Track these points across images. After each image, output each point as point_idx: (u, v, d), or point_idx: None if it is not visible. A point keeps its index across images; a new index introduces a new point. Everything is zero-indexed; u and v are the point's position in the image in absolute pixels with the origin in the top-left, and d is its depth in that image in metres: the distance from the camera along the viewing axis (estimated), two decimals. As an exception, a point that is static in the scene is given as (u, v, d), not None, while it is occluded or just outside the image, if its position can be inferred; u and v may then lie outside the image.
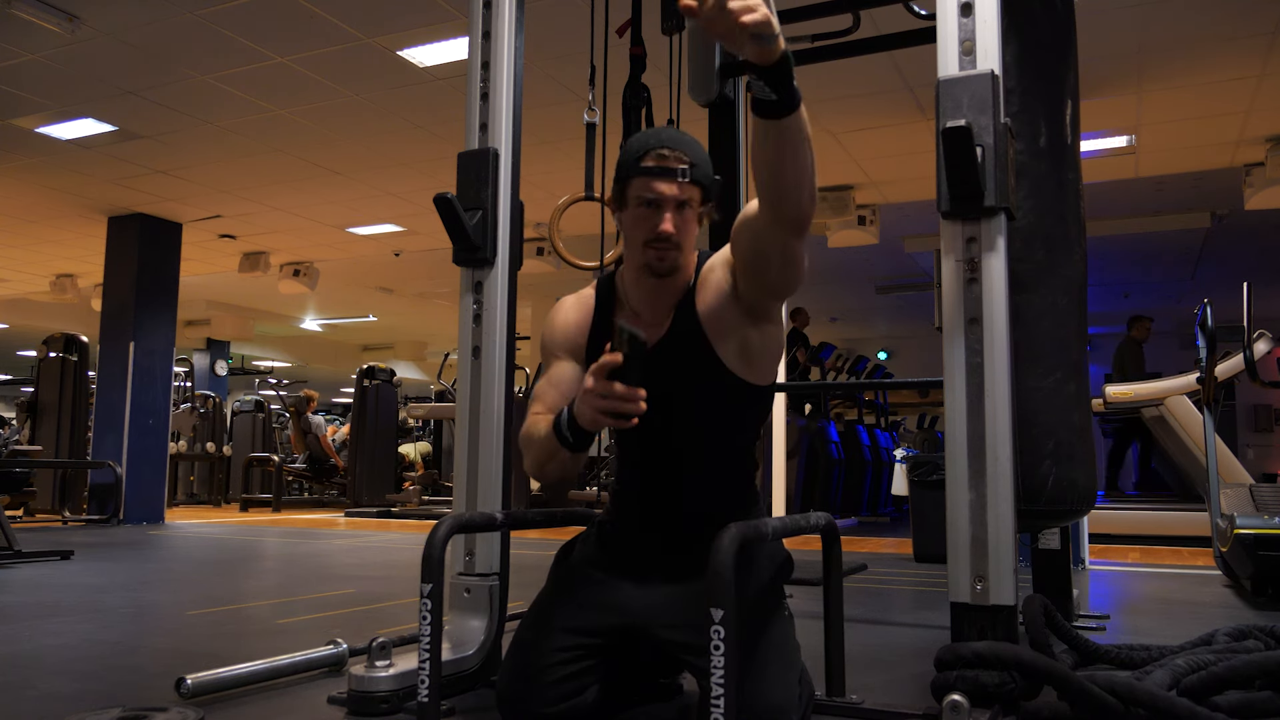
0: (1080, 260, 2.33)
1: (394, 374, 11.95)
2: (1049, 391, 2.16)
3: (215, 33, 5.02)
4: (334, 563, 5.23)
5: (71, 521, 8.18)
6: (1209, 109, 5.91)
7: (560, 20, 4.61)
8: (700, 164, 1.71)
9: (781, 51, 1.40)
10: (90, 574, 4.41)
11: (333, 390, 22.56)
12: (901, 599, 3.89)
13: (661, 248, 1.71)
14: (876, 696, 1.96)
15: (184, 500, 12.01)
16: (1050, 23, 2.29)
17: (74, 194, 8.06)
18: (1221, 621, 2.71)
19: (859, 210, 7.67)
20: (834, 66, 4.84)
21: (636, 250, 1.74)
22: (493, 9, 2.31)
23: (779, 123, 1.47)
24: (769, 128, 1.48)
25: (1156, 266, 10.75)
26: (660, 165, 1.67)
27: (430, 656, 1.63)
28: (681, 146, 1.70)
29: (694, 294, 1.78)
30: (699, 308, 1.76)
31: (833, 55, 3.18)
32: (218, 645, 2.69)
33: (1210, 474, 4.48)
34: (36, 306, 13.63)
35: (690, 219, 1.72)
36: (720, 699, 1.33)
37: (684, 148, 1.70)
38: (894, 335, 15.87)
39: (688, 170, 1.67)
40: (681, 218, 1.70)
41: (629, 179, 1.70)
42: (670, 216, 1.69)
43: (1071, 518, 2.36)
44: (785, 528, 1.69)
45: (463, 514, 2.12)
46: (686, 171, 1.67)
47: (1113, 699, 1.64)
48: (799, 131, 1.49)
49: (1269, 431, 11.16)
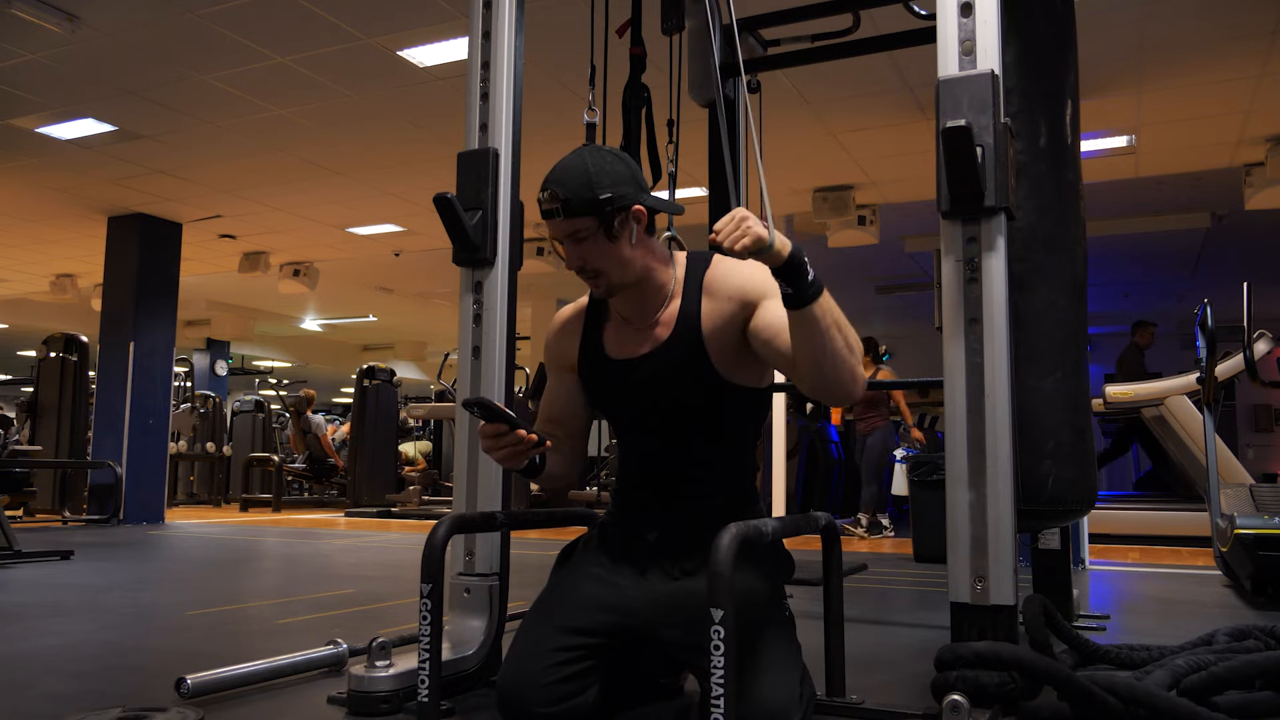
0: (1080, 260, 2.33)
1: (394, 374, 11.96)
2: (1049, 391, 2.16)
3: (215, 33, 5.02)
4: (334, 563, 5.23)
5: (71, 521, 8.18)
6: (1209, 109, 5.91)
7: (560, 20, 4.61)
8: (575, 195, 1.68)
9: (787, 256, 1.52)
10: (90, 574, 4.41)
11: (333, 390, 22.56)
12: (901, 599, 3.89)
13: (585, 278, 1.76)
14: (876, 696, 1.96)
15: (184, 500, 12.01)
16: (1050, 23, 2.29)
17: (74, 194, 8.06)
18: (1221, 621, 2.71)
19: (859, 210, 7.66)
20: (834, 66, 4.84)
21: None
22: (493, 9, 2.31)
23: (801, 312, 1.56)
24: (794, 316, 1.57)
25: (1156, 266, 10.75)
26: (543, 209, 1.71)
27: (430, 656, 1.63)
28: (558, 182, 1.69)
29: (699, 301, 1.77)
30: (704, 321, 1.76)
31: (833, 55, 3.19)
32: (218, 645, 2.69)
33: (1210, 474, 4.48)
34: (36, 306, 13.63)
35: (597, 245, 1.71)
36: (720, 699, 1.33)
37: (560, 183, 1.69)
38: (894, 335, 15.86)
39: (559, 210, 1.68)
40: (584, 248, 1.71)
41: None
42: (571, 252, 1.72)
43: (1071, 518, 2.36)
44: (785, 528, 1.69)
45: (463, 514, 2.12)
46: (559, 211, 1.68)
47: (1113, 699, 1.64)
48: (823, 318, 1.56)
49: (1269, 431, 11.14)
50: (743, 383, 1.77)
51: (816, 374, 1.60)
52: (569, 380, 1.93)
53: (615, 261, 1.73)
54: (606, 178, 1.69)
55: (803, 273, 1.53)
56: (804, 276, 1.53)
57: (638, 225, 1.74)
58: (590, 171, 1.69)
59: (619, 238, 1.71)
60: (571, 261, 1.75)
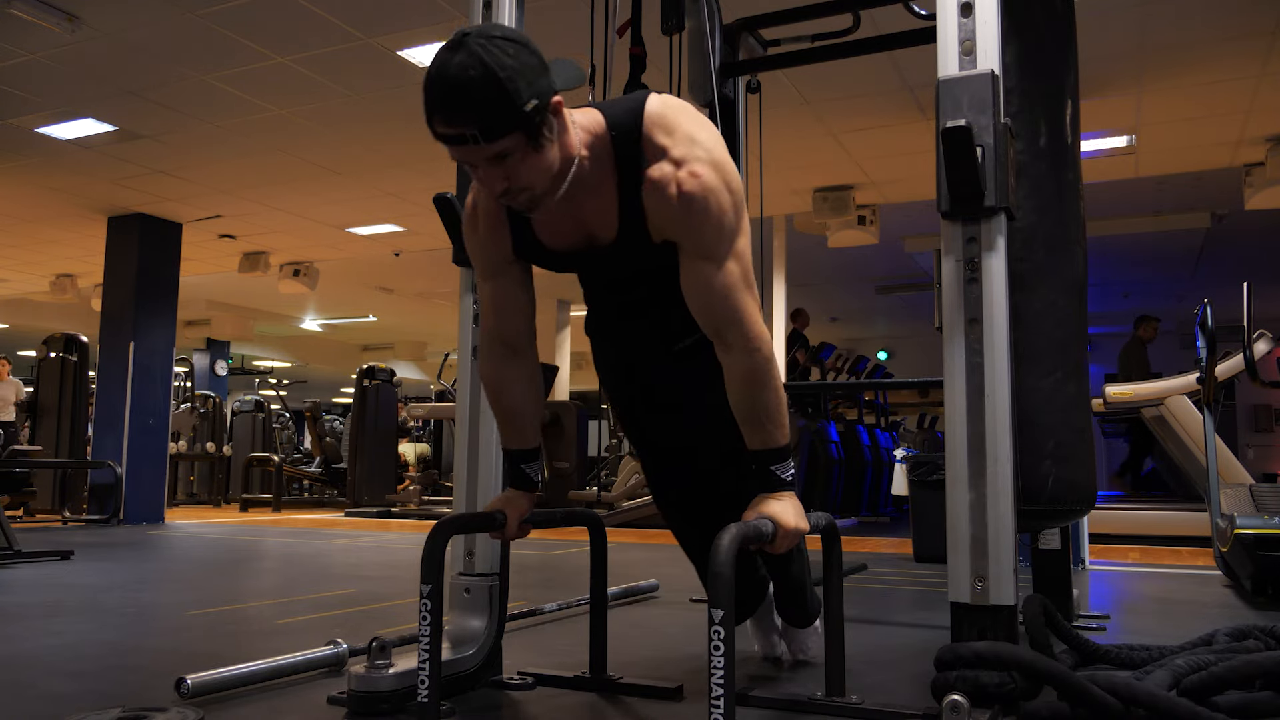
0: (1080, 260, 2.33)
1: (394, 374, 11.96)
2: (1049, 391, 2.16)
3: (215, 33, 5.02)
4: (334, 563, 5.23)
5: (71, 521, 8.19)
6: (1209, 109, 5.91)
7: (560, 20, 4.61)
8: (492, 113, 1.39)
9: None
10: (90, 574, 4.41)
11: (333, 390, 22.56)
12: (901, 599, 3.89)
13: (507, 200, 1.52)
14: (876, 696, 1.96)
15: (184, 500, 12.01)
16: (1050, 23, 2.29)
17: (74, 194, 8.07)
18: (1221, 621, 2.71)
19: (859, 210, 7.66)
20: (834, 66, 4.85)
21: None
22: (492, 9, 2.31)
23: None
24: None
25: (1156, 266, 10.75)
26: (446, 136, 1.43)
27: (430, 656, 1.63)
28: (461, 98, 1.39)
29: (641, 205, 1.60)
30: (651, 229, 1.63)
31: (833, 55, 3.18)
32: (218, 645, 2.69)
33: (1210, 474, 4.48)
34: (36, 306, 13.63)
35: (525, 160, 1.46)
36: (720, 699, 1.33)
37: (465, 99, 1.39)
38: (894, 335, 15.88)
39: (475, 136, 1.41)
40: (509, 167, 1.46)
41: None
42: (490, 175, 1.47)
43: (1071, 518, 2.36)
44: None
45: (463, 514, 2.12)
46: (475, 137, 1.41)
47: (1113, 699, 1.64)
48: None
49: (1269, 431, 11.14)
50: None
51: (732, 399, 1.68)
52: (510, 279, 1.75)
53: (543, 171, 1.49)
54: (520, 76, 1.40)
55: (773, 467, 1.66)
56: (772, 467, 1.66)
57: (558, 119, 1.51)
58: (499, 75, 1.39)
59: (547, 143, 1.48)
60: (494, 185, 1.48)
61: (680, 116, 1.61)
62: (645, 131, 1.59)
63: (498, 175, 1.47)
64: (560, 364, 10.25)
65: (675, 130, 1.59)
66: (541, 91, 1.44)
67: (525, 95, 1.41)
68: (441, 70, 1.40)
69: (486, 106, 1.39)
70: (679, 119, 1.60)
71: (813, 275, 10.98)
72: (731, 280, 1.61)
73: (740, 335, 1.62)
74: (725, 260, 1.60)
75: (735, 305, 1.61)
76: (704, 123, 1.64)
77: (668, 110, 1.61)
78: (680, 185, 1.56)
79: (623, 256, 1.71)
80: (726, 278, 1.60)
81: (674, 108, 1.63)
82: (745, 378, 1.63)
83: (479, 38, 1.41)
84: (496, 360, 1.81)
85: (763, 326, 1.63)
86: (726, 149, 1.65)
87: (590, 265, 1.77)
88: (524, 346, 1.82)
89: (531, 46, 1.46)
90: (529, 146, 1.45)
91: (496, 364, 1.81)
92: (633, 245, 1.67)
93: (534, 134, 1.44)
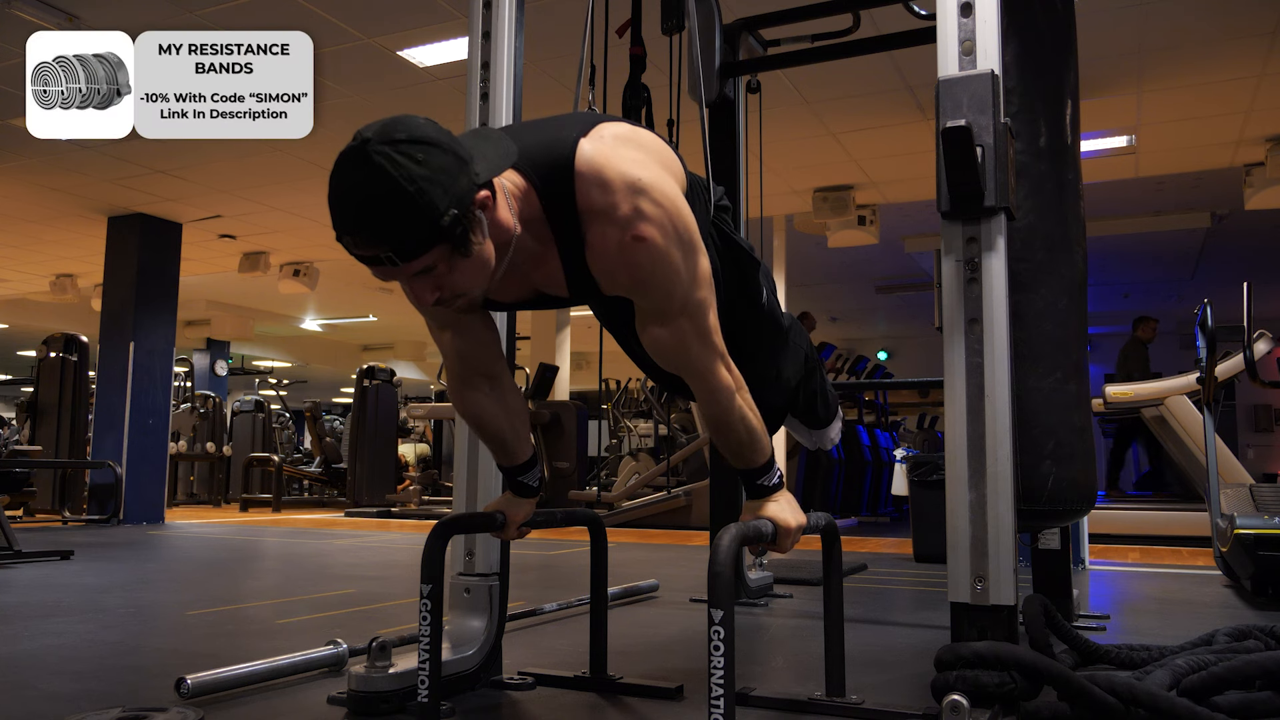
0: (1080, 260, 2.33)
1: (394, 374, 11.96)
2: (1049, 391, 2.16)
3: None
4: (334, 563, 5.23)
5: (71, 521, 8.18)
6: (1209, 109, 5.91)
7: (560, 20, 4.61)
8: (405, 233, 1.26)
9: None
10: (90, 574, 4.41)
11: (333, 390, 22.56)
12: (901, 599, 3.89)
13: (444, 306, 1.41)
14: (876, 696, 1.96)
15: (184, 500, 12.01)
16: (1050, 23, 2.29)
17: (74, 194, 8.06)
18: (1221, 621, 2.71)
19: (859, 210, 7.66)
20: (834, 66, 4.85)
21: None
22: (493, 9, 2.31)
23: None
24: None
25: (1156, 266, 10.76)
26: (363, 260, 1.31)
27: (430, 656, 1.63)
28: (367, 219, 1.26)
29: (585, 267, 1.50)
30: (602, 287, 1.54)
31: (833, 55, 3.19)
32: (218, 645, 2.69)
33: (1210, 474, 4.48)
34: (36, 306, 13.63)
35: (454, 268, 1.34)
36: (720, 699, 1.33)
37: (371, 221, 1.26)
38: (894, 335, 15.88)
39: (390, 258, 1.28)
40: (438, 278, 1.34)
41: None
42: (420, 288, 1.35)
43: (1071, 518, 2.36)
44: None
45: (462, 514, 2.12)
46: (391, 259, 1.28)
47: (1113, 699, 1.64)
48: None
49: (1269, 431, 11.16)
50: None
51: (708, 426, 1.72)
52: (467, 324, 1.69)
53: (477, 272, 1.37)
54: (434, 185, 1.25)
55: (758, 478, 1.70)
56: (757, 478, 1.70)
57: (486, 212, 1.35)
58: (408, 191, 1.24)
59: (477, 245, 1.34)
60: (424, 298, 1.35)
61: (612, 159, 1.44)
62: (579, 191, 1.44)
63: (427, 287, 1.35)
64: (560, 364, 10.24)
65: (610, 182, 1.43)
66: (461, 195, 1.28)
67: (443, 206, 1.26)
68: (341, 189, 1.28)
69: (398, 227, 1.26)
70: (611, 163, 1.44)
71: (813, 275, 10.99)
72: (683, 339, 1.55)
73: (698, 388, 1.62)
74: (675, 319, 1.53)
75: (689, 361, 1.58)
76: (642, 147, 1.53)
77: (597, 157, 1.44)
78: (624, 253, 1.45)
79: (580, 301, 1.69)
80: (679, 336, 1.55)
81: (605, 149, 1.46)
82: (711, 421, 1.66)
83: (380, 144, 1.26)
84: (469, 393, 1.77)
85: (720, 375, 1.58)
86: (671, 167, 1.57)
87: (550, 305, 1.74)
88: (499, 372, 1.78)
89: (444, 142, 1.29)
90: (456, 255, 1.32)
91: (471, 397, 1.77)
92: (587, 297, 1.65)
93: (459, 243, 1.31)
